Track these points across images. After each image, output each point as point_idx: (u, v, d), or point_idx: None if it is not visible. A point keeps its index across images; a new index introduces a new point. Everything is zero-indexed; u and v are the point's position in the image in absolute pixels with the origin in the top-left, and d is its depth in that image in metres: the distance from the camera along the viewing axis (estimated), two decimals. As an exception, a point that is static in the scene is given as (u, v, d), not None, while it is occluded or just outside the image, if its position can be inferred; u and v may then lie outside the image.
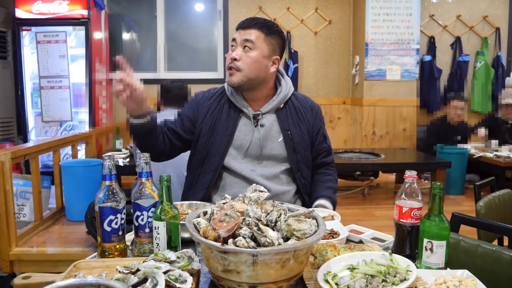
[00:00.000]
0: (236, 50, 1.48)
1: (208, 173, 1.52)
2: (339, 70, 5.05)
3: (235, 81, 1.48)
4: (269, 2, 4.88)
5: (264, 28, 1.48)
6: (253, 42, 1.46)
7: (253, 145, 1.53)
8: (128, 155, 3.38)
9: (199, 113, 1.57)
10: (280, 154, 1.54)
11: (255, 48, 1.46)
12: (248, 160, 1.54)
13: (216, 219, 0.91)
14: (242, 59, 1.46)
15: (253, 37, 1.46)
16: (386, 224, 1.41)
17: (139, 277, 0.84)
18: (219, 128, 1.53)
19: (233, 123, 1.53)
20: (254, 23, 1.48)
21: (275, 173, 1.54)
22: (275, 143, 1.54)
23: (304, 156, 1.57)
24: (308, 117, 1.61)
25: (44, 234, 2.50)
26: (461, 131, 4.29)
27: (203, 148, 1.54)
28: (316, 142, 1.62)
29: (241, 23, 1.50)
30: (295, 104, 1.60)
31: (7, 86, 4.44)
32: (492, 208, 1.83)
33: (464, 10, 4.98)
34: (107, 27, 4.55)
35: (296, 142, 1.55)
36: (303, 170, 1.58)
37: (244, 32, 1.47)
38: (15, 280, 0.91)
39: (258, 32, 1.47)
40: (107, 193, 1.06)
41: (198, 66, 5.04)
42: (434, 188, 1.00)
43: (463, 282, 0.87)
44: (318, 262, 0.99)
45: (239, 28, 1.51)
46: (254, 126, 1.53)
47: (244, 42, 1.46)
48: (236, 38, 1.49)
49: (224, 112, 1.55)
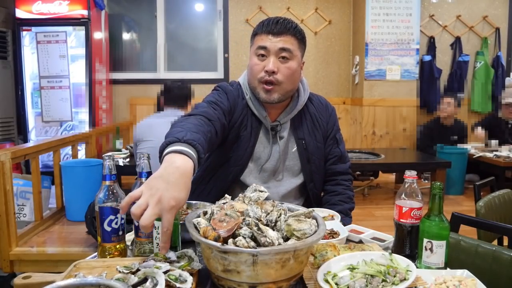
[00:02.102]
0: (270, 60, 1.28)
1: (224, 182, 1.40)
2: (339, 70, 5.05)
3: (276, 98, 1.31)
4: (269, 2, 4.88)
5: (298, 34, 1.32)
6: (291, 51, 1.29)
7: (271, 159, 1.40)
8: (128, 155, 3.39)
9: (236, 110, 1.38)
10: (294, 165, 1.43)
11: (293, 57, 1.30)
12: (265, 175, 1.42)
13: (216, 219, 0.91)
14: (281, 71, 1.29)
15: (291, 45, 1.29)
16: (386, 224, 1.41)
17: (139, 277, 0.84)
18: (244, 137, 1.38)
19: (255, 133, 1.39)
20: (289, 27, 1.30)
21: (290, 189, 1.43)
22: (289, 154, 1.43)
23: (318, 166, 1.46)
24: (323, 122, 1.48)
25: (44, 234, 2.50)
26: (457, 130, 4.30)
27: (226, 153, 1.39)
28: (326, 146, 1.49)
29: (272, 27, 1.29)
30: (310, 110, 1.46)
31: (7, 86, 4.44)
32: (492, 208, 1.83)
33: (464, 10, 4.98)
34: (107, 27, 4.55)
35: (311, 152, 1.43)
36: (316, 180, 1.47)
37: (278, 39, 1.28)
38: (15, 280, 0.91)
39: (293, 39, 1.31)
40: (107, 193, 1.06)
41: (198, 66, 5.04)
42: (434, 188, 1.00)
43: (463, 282, 0.87)
44: (318, 262, 0.99)
45: (269, 33, 1.29)
46: (273, 139, 1.40)
47: (280, 52, 1.28)
48: (267, 47, 1.28)
49: (248, 120, 1.38)
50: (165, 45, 5.02)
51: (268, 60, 1.29)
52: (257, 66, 1.32)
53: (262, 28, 1.32)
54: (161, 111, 2.91)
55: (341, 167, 1.52)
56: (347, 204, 1.48)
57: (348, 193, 1.51)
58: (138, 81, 4.89)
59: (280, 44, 1.28)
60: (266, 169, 1.42)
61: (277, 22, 1.30)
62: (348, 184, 1.53)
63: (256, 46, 1.32)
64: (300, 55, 1.35)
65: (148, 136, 2.60)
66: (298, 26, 1.35)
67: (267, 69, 1.28)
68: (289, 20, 1.33)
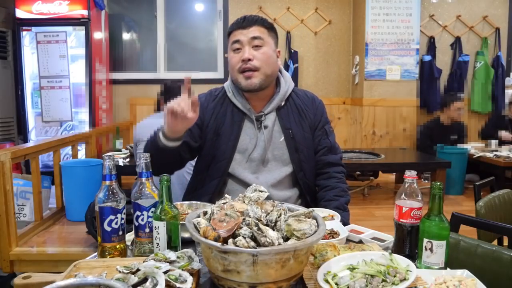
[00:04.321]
0: (245, 50, 1.41)
1: (215, 178, 1.48)
2: (339, 70, 5.05)
3: (257, 82, 1.42)
4: (269, 2, 4.88)
5: (265, 23, 1.46)
6: (261, 38, 1.42)
7: (257, 148, 1.48)
8: (128, 155, 3.39)
9: (205, 117, 1.51)
10: (282, 154, 1.50)
11: (265, 43, 1.43)
12: (253, 165, 1.49)
13: (216, 219, 0.91)
14: (256, 57, 1.41)
15: (261, 33, 1.43)
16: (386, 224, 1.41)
17: (139, 277, 0.84)
18: (224, 132, 1.48)
19: (237, 126, 1.48)
20: (255, 20, 1.44)
21: (279, 179, 1.49)
22: (277, 143, 1.50)
23: (307, 155, 1.52)
24: (310, 113, 1.55)
25: (44, 234, 2.50)
26: (457, 130, 4.30)
27: (209, 153, 1.50)
28: (315, 137, 1.55)
29: (240, 23, 1.44)
30: (296, 101, 1.55)
31: (7, 86, 4.44)
32: (492, 208, 1.83)
33: (464, 10, 4.98)
34: (107, 27, 4.55)
35: (298, 141, 1.50)
36: (306, 170, 1.52)
37: (247, 31, 1.42)
38: (15, 280, 0.91)
39: (262, 28, 1.44)
40: (107, 193, 1.06)
41: (198, 66, 5.04)
42: (434, 188, 1.00)
43: (463, 282, 0.87)
44: (318, 262, 0.99)
45: (238, 28, 1.44)
46: (257, 128, 1.49)
47: (252, 41, 1.41)
48: (240, 39, 1.42)
49: (228, 115, 1.50)
50: (165, 45, 5.02)
51: (243, 50, 1.42)
52: (234, 58, 1.44)
53: (233, 26, 1.46)
54: (161, 111, 2.91)
55: (332, 158, 1.57)
56: (342, 198, 1.51)
57: (341, 186, 1.54)
58: (138, 81, 4.89)
59: (250, 33, 1.42)
60: (253, 158, 1.49)
61: (244, 18, 1.45)
62: (341, 177, 1.57)
63: (230, 42, 1.46)
64: (273, 42, 1.47)
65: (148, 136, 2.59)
66: (264, 18, 1.48)
67: (243, 58, 1.40)
68: (256, 15, 1.48)
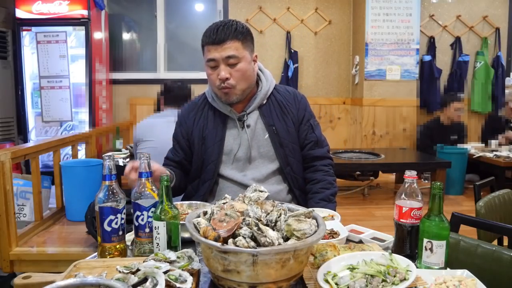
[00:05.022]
0: (221, 68, 1.40)
1: (206, 181, 1.53)
2: (339, 70, 5.05)
3: (235, 99, 1.46)
4: (269, 2, 4.88)
5: (239, 35, 1.40)
6: (236, 56, 1.39)
7: (242, 147, 1.51)
8: (128, 155, 3.38)
9: (187, 127, 1.57)
10: (268, 151, 1.52)
11: (240, 60, 1.40)
12: (240, 164, 1.52)
13: (216, 219, 0.91)
14: (233, 76, 1.41)
15: (235, 51, 1.38)
16: (386, 224, 1.41)
17: (139, 277, 0.84)
18: (209, 136, 1.52)
19: (221, 129, 1.52)
20: (228, 33, 1.38)
21: (266, 174, 1.52)
22: (261, 141, 1.52)
23: (292, 150, 1.54)
24: (292, 109, 1.56)
25: (44, 234, 2.50)
26: (456, 130, 4.29)
27: (198, 158, 1.55)
28: (301, 132, 1.57)
29: (213, 37, 1.38)
30: (277, 98, 1.57)
31: (7, 86, 4.44)
32: (492, 208, 1.83)
33: (464, 10, 4.98)
34: (107, 27, 4.55)
35: (282, 136, 1.52)
36: (292, 164, 1.54)
37: (221, 48, 1.38)
38: (15, 280, 0.91)
39: (236, 42, 1.39)
40: (107, 193, 1.06)
41: (198, 66, 5.03)
42: (434, 188, 1.00)
43: (463, 282, 0.87)
44: (318, 262, 0.99)
45: (211, 43, 1.39)
46: (241, 128, 1.52)
47: (227, 60, 1.39)
48: (215, 58, 1.39)
49: (210, 120, 1.54)
50: (165, 45, 5.02)
51: (219, 69, 1.41)
52: (212, 75, 1.45)
53: (206, 39, 1.42)
54: (161, 111, 2.91)
55: (319, 152, 1.59)
56: (328, 190, 1.53)
57: (328, 178, 1.56)
58: (138, 81, 4.89)
59: (225, 52, 1.39)
60: (239, 158, 1.52)
61: (217, 30, 1.39)
62: (327, 170, 1.59)
63: (206, 58, 1.44)
64: (248, 52, 1.45)
65: (148, 136, 2.59)
66: (239, 27, 1.41)
67: (220, 77, 1.41)
68: (229, 24, 1.40)
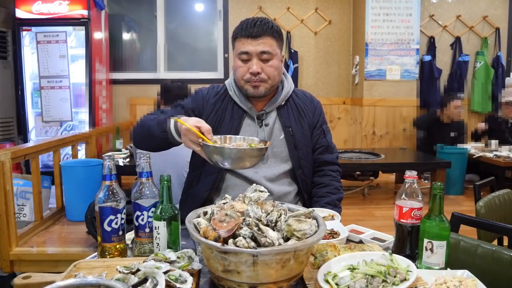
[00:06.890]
0: (253, 62, 1.40)
1: (211, 174, 1.49)
2: (339, 70, 5.05)
3: (263, 91, 1.44)
4: (269, 2, 4.88)
5: (275, 33, 1.42)
6: (271, 52, 1.40)
7: None
8: (128, 155, 3.39)
9: (204, 110, 1.52)
10: (282, 151, 1.52)
11: (273, 57, 1.42)
12: None
13: (216, 219, 0.91)
14: (265, 71, 1.41)
15: (270, 47, 1.40)
16: (386, 224, 1.41)
17: (139, 277, 0.84)
18: (223, 128, 1.48)
19: (237, 124, 1.49)
20: (266, 29, 1.39)
21: (278, 174, 1.51)
22: (277, 141, 1.52)
23: (305, 153, 1.54)
24: (309, 112, 1.58)
25: (44, 234, 2.50)
26: (456, 127, 4.29)
27: None
28: (314, 136, 1.59)
29: (250, 31, 1.38)
30: (296, 101, 1.58)
31: (7, 86, 4.44)
32: (492, 208, 1.83)
33: (464, 10, 4.98)
34: (107, 27, 4.55)
35: (298, 139, 1.52)
36: (304, 167, 1.54)
37: (257, 42, 1.38)
38: (15, 280, 0.91)
39: (272, 39, 1.41)
40: (107, 193, 1.06)
41: (198, 66, 5.04)
42: (435, 188, 1.00)
43: (463, 282, 0.87)
44: (318, 262, 0.99)
45: (247, 36, 1.39)
46: (258, 126, 1.50)
47: (261, 54, 1.39)
48: (249, 51, 1.39)
49: (228, 112, 1.51)
50: (165, 45, 5.02)
51: (251, 63, 1.40)
52: (241, 68, 1.43)
53: (241, 32, 1.41)
54: (160, 110, 2.90)
55: (328, 157, 1.61)
56: (334, 195, 1.54)
57: (335, 183, 1.58)
58: (138, 81, 4.89)
59: (260, 47, 1.39)
60: None
61: (254, 24, 1.39)
62: (335, 175, 1.61)
63: (238, 51, 1.43)
64: (279, 51, 1.47)
65: None
66: (275, 25, 1.43)
67: (252, 71, 1.40)
68: (265, 21, 1.42)
